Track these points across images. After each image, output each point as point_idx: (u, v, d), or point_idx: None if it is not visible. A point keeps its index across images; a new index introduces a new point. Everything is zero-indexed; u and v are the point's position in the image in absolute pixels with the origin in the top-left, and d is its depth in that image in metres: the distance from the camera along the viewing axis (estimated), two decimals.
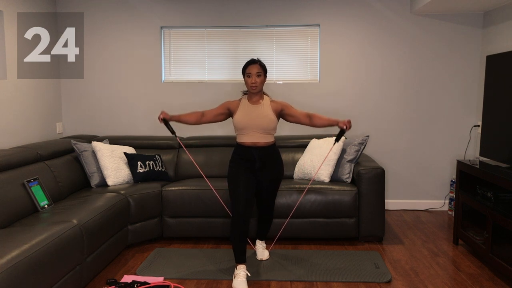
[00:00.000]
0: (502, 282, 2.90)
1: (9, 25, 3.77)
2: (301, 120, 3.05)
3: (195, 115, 3.11)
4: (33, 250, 2.23)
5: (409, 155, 4.62)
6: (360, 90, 4.56)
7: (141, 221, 3.57)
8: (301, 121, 3.06)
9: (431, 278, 2.98)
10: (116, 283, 2.84)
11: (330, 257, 3.31)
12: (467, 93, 4.50)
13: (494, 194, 3.11)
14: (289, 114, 3.06)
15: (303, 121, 3.05)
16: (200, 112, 3.13)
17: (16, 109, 3.89)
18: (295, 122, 3.09)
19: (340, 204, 3.55)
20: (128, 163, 3.88)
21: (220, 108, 3.11)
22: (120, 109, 4.70)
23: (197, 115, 3.11)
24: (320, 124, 3.03)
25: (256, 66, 2.98)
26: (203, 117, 3.10)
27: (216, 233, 3.68)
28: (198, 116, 3.11)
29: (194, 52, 4.64)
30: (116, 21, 4.60)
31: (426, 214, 4.50)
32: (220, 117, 3.11)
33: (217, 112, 3.10)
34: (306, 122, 3.05)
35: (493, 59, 3.43)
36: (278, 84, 4.58)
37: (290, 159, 4.14)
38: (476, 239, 3.24)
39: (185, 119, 3.12)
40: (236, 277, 2.85)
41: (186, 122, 3.13)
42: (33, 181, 3.15)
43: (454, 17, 4.41)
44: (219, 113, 3.10)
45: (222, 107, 3.10)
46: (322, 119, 3.03)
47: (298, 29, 4.56)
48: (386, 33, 4.49)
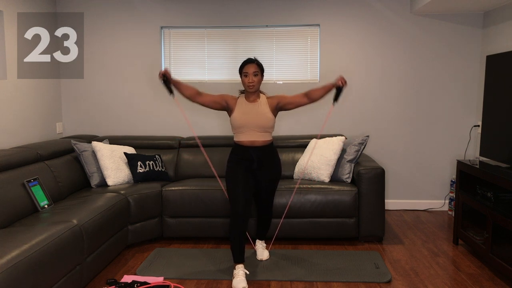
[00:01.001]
0: (502, 282, 2.90)
1: (9, 25, 3.77)
2: (300, 102, 3.04)
3: (192, 89, 3.06)
4: (33, 250, 2.23)
5: (409, 155, 4.62)
6: (360, 90, 4.56)
7: (141, 221, 3.57)
8: (301, 103, 3.04)
9: (431, 278, 2.98)
10: (116, 283, 2.84)
11: (330, 257, 3.31)
12: (467, 93, 4.50)
13: (494, 194, 3.11)
14: (287, 103, 3.05)
15: (303, 102, 3.04)
16: (197, 90, 3.07)
17: (16, 109, 3.89)
18: (296, 107, 3.07)
19: (340, 204, 3.55)
20: (128, 163, 3.88)
21: (218, 97, 3.08)
22: (120, 109, 4.70)
23: (194, 91, 3.06)
24: (318, 96, 3.01)
25: (253, 66, 2.97)
26: (199, 96, 3.06)
27: (216, 233, 3.68)
28: (194, 92, 3.06)
29: (194, 52, 4.64)
30: (116, 21, 4.60)
31: (426, 214, 4.51)
32: (215, 105, 3.07)
33: (214, 99, 3.07)
34: (306, 101, 3.03)
35: (493, 59, 3.43)
36: (278, 84, 4.58)
37: (290, 159, 4.14)
38: (476, 239, 3.24)
39: (183, 88, 3.05)
40: (236, 276, 2.85)
41: (182, 91, 3.05)
42: (33, 181, 3.15)
43: (454, 17, 4.41)
44: (216, 101, 3.07)
45: (221, 97, 3.08)
46: (319, 90, 3.01)
47: (298, 29, 4.57)
48: (386, 33, 4.49)
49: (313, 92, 3.02)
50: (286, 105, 3.05)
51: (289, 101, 3.05)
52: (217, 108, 3.10)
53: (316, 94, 3.01)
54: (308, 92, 3.03)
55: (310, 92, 3.03)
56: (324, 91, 3.00)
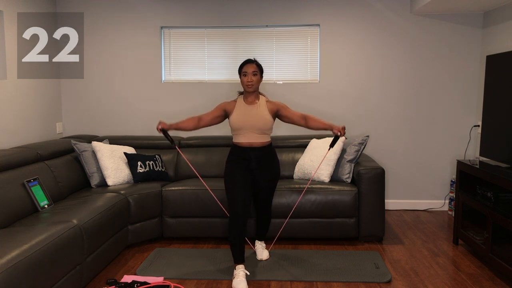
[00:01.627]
0: (502, 282, 2.90)
1: (9, 25, 3.77)
2: (296, 121, 3.07)
3: (192, 120, 3.11)
4: (33, 250, 2.23)
5: (409, 155, 4.62)
6: (360, 90, 4.56)
7: (141, 221, 3.57)
8: (296, 123, 3.08)
9: (431, 278, 2.98)
10: (116, 283, 2.84)
11: (330, 257, 3.31)
12: (467, 93, 4.49)
13: (494, 194, 3.11)
14: (285, 115, 3.08)
15: (298, 123, 3.07)
16: (196, 117, 3.12)
17: (16, 109, 3.89)
18: (290, 123, 3.11)
19: (340, 204, 3.55)
20: (128, 163, 3.88)
21: (216, 110, 3.11)
22: (120, 109, 4.70)
23: (194, 120, 3.11)
24: (315, 127, 3.04)
25: (252, 65, 2.99)
26: (201, 122, 3.10)
27: (216, 233, 3.68)
28: (195, 121, 3.10)
29: (194, 52, 4.64)
30: (116, 21, 4.60)
31: (426, 214, 4.50)
32: (217, 119, 3.11)
33: (213, 115, 3.11)
34: (301, 124, 3.06)
35: (493, 59, 3.43)
36: (278, 84, 4.58)
37: (290, 159, 4.14)
38: (476, 239, 3.24)
39: (183, 126, 3.11)
40: (236, 277, 2.85)
41: (185, 129, 3.12)
42: (33, 181, 3.15)
43: (454, 17, 4.41)
44: (216, 116, 3.10)
45: (219, 109, 3.11)
46: (317, 122, 3.04)
47: (298, 29, 4.56)
48: (386, 33, 4.49)
49: (312, 121, 3.04)
50: (283, 117, 3.09)
51: (289, 115, 3.08)
52: (220, 121, 3.14)
53: (314, 124, 3.04)
54: (307, 117, 3.05)
55: (309, 118, 3.05)
56: (322, 127, 3.04)
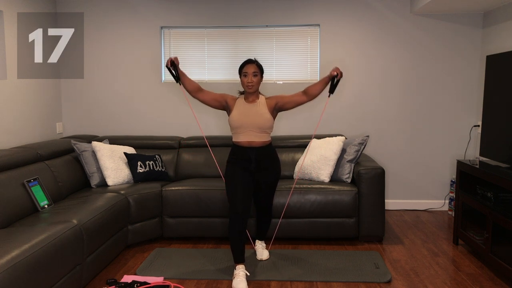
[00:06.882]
0: (502, 282, 2.90)
1: (9, 25, 3.77)
2: (299, 100, 3.03)
3: (195, 84, 3.08)
4: (33, 250, 2.23)
5: (409, 155, 4.62)
6: (360, 90, 4.56)
7: (141, 221, 3.57)
8: (300, 102, 3.04)
9: (431, 278, 2.98)
10: (116, 283, 2.84)
11: (330, 257, 3.31)
12: (467, 93, 4.50)
13: (494, 194, 3.11)
14: (286, 102, 3.04)
15: (302, 100, 3.03)
16: (200, 86, 3.10)
17: (16, 109, 3.89)
18: (296, 105, 3.06)
19: (340, 204, 3.55)
20: (128, 163, 3.88)
21: (219, 95, 3.10)
22: (120, 109, 4.70)
23: (196, 86, 3.08)
24: (317, 91, 3.00)
25: (253, 66, 2.97)
26: (200, 93, 3.07)
27: (216, 233, 3.68)
28: (196, 87, 3.08)
29: (194, 52, 4.64)
30: (116, 21, 4.60)
31: (426, 214, 4.51)
32: (215, 103, 3.09)
33: (215, 97, 3.08)
34: (305, 99, 3.03)
35: (493, 59, 3.43)
36: (278, 84, 4.58)
37: (290, 159, 4.14)
38: (476, 239, 3.24)
39: (186, 81, 3.06)
40: (236, 277, 2.85)
41: (185, 84, 3.07)
42: (33, 181, 3.15)
43: (454, 17, 4.41)
44: (216, 99, 3.08)
45: (221, 96, 3.09)
46: (316, 85, 3.00)
47: (298, 29, 4.56)
48: (386, 33, 4.49)
49: (312, 88, 3.01)
50: (285, 105, 3.04)
51: (288, 100, 3.04)
52: (217, 107, 3.11)
53: (314, 90, 3.00)
54: (306, 89, 3.02)
55: (308, 89, 3.02)
56: (322, 85, 3.00)
